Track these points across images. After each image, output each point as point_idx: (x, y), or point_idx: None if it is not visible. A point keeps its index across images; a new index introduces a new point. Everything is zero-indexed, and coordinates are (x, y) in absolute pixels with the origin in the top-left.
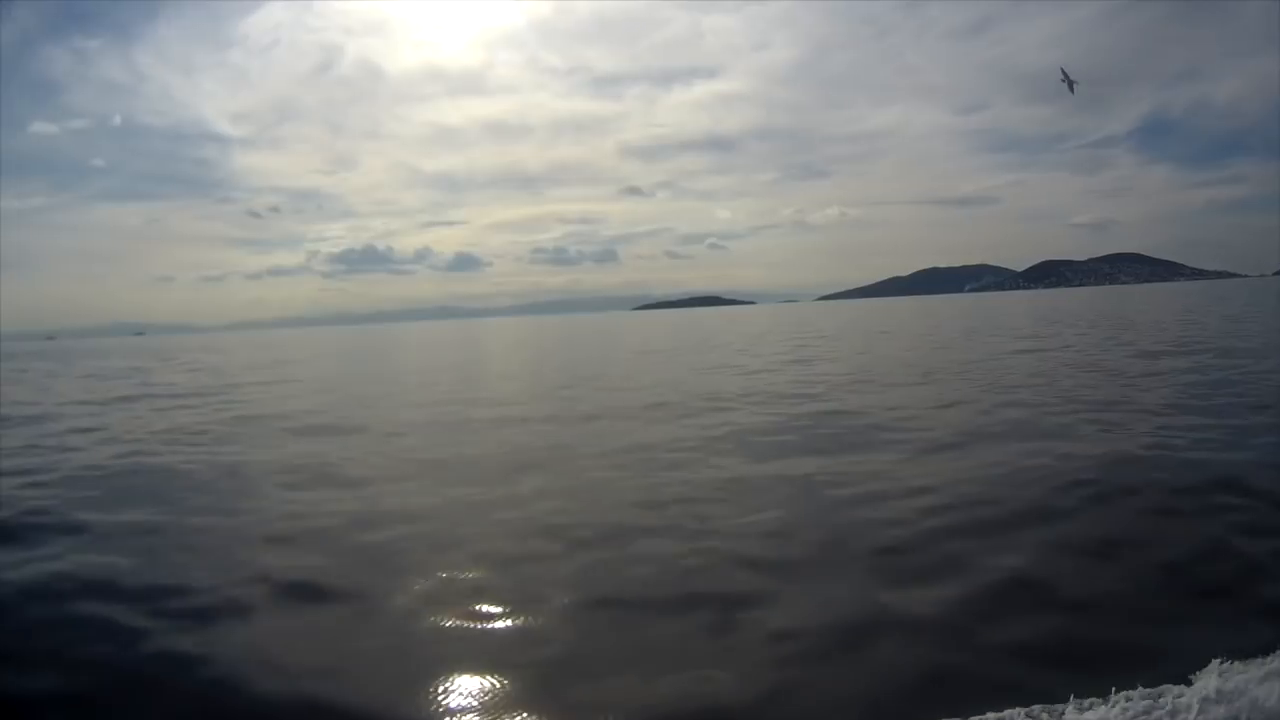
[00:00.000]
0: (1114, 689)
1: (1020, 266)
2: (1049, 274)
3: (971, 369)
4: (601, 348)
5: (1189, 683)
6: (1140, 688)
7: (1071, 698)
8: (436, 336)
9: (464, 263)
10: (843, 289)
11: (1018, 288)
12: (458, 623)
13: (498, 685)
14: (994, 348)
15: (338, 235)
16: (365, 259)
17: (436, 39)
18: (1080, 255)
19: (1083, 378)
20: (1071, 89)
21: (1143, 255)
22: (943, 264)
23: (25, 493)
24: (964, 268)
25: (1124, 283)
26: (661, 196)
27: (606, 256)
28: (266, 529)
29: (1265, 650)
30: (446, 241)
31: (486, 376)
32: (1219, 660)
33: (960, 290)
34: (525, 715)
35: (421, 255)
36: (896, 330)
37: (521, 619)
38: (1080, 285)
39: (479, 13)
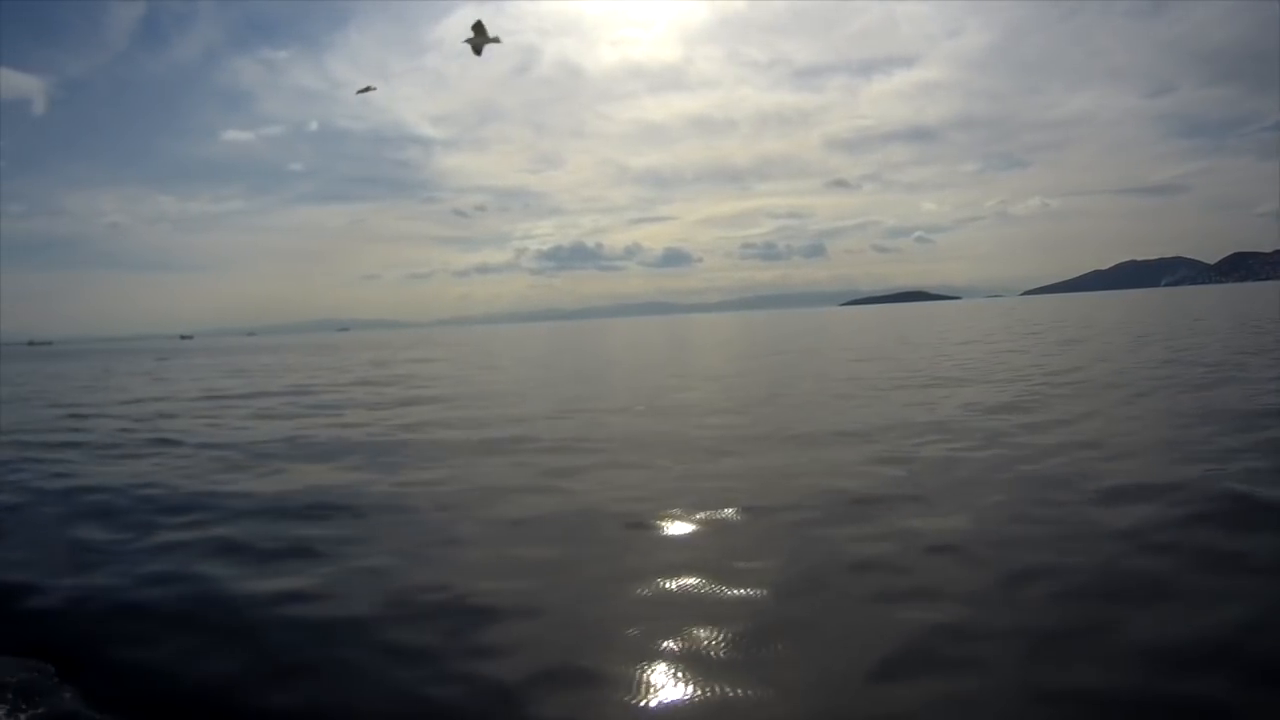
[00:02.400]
0: None
1: (1211, 258)
2: (1238, 266)
3: None
4: (870, 347)
5: None
6: None
7: None
8: (671, 331)
9: (674, 258)
10: (1045, 283)
11: (1210, 281)
12: None
13: None
14: None
15: (546, 233)
16: (574, 256)
17: (633, 36)
18: (1266, 246)
19: None
20: None
21: None
22: (1139, 256)
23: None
24: (1159, 260)
25: None
26: (868, 189)
27: (814, 251)
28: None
29: None
30: (656, 237)
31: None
32: None
33: (1156, 284)
34: None
35: (631, 251)
36: (1152, 333)
37: None
38: (1267, 279)
39: (673, 9)
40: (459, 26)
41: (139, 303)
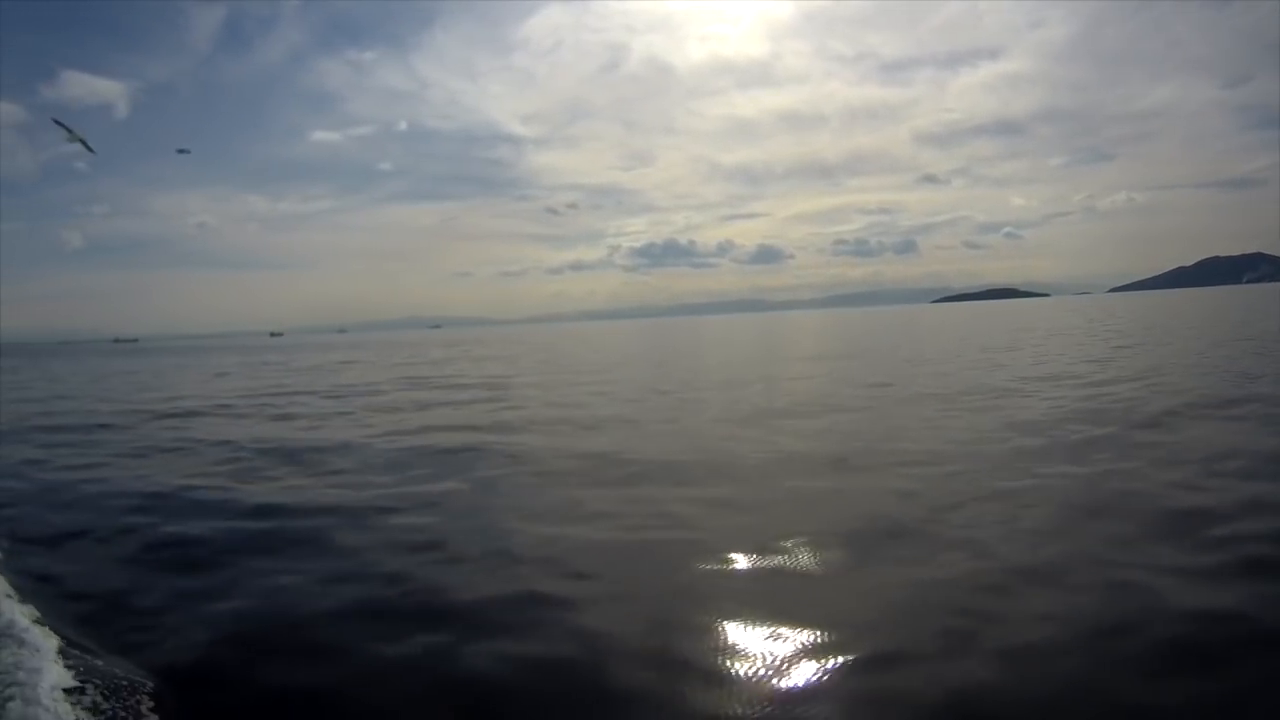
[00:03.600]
0: None
1: None
2: None
3: None
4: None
5: None
6: None
7: None
8: (775, 327)
9: (766, 255)
10: (1132, 280)
11: None
12: None
13: None
14: None
15: (638, 230)
16: (667, 253)
17: (720, 32)
18: None
19: None
20: None
21: None
22: (1221, 252)
23: None
24: (1241, 256)
25: None
26: (957, 184)
27: (906, 247)
28: None
29: None
30: (748, 234)
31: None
32: None
33: (1239, 281)
34: None
35: (723, 248)
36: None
37: None
38: None
39: (759, 4)
40: (545, 25)
41: (227, 300)
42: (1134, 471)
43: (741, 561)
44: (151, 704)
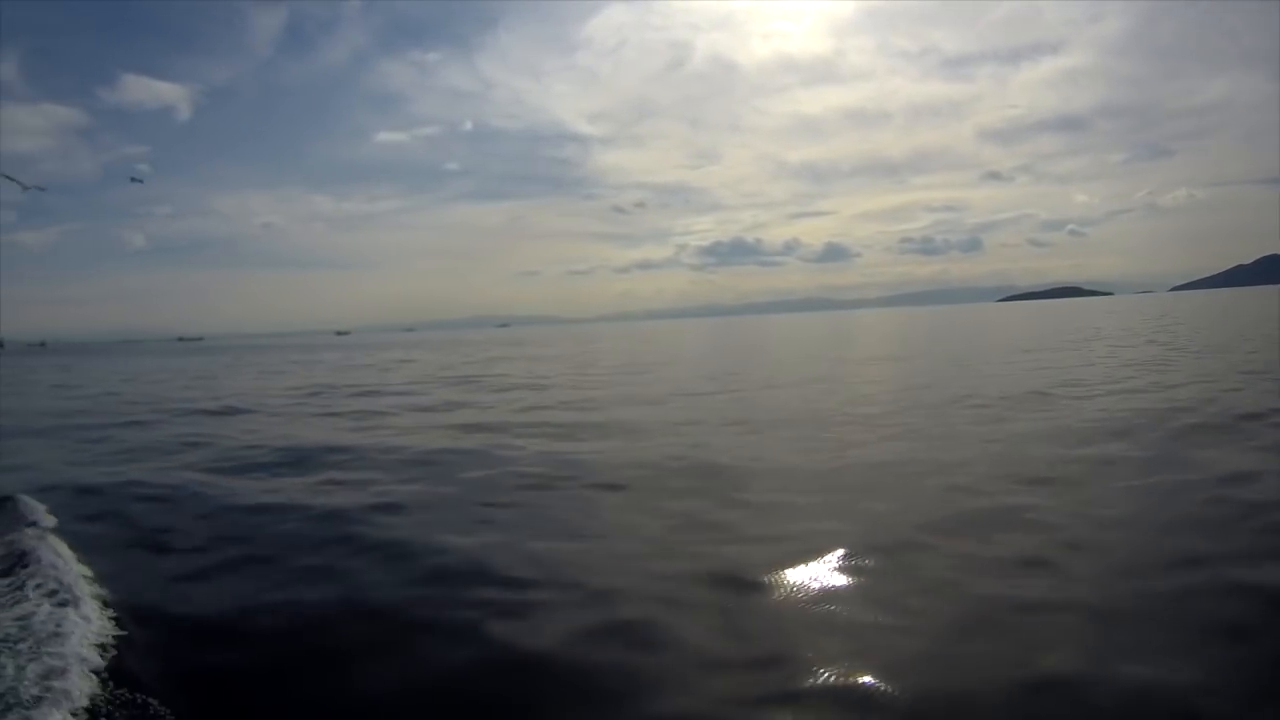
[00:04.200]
0: None
1: None
2: None
3: None
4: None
5: None
6: None
7: None
8: (845, 327)
9: (833, 253)
10: (1193, 278)
11: None
12: None
13: None
14: None
15: (705, 228)
16: (734, 251)
17: (784, 29)
18: None
19: None
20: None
21: None
22: (1278, 250)
23: None
24: None
25: None
26: (1021, 181)
27: (972, 245)
28: None
29: None
30: (815, 232)
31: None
32: None
33: None
34: None
35: (790, 247)
36: None
37: None
38: None
39: (821, 1)
40: (608, 24)
41: (294, 299)
42: None
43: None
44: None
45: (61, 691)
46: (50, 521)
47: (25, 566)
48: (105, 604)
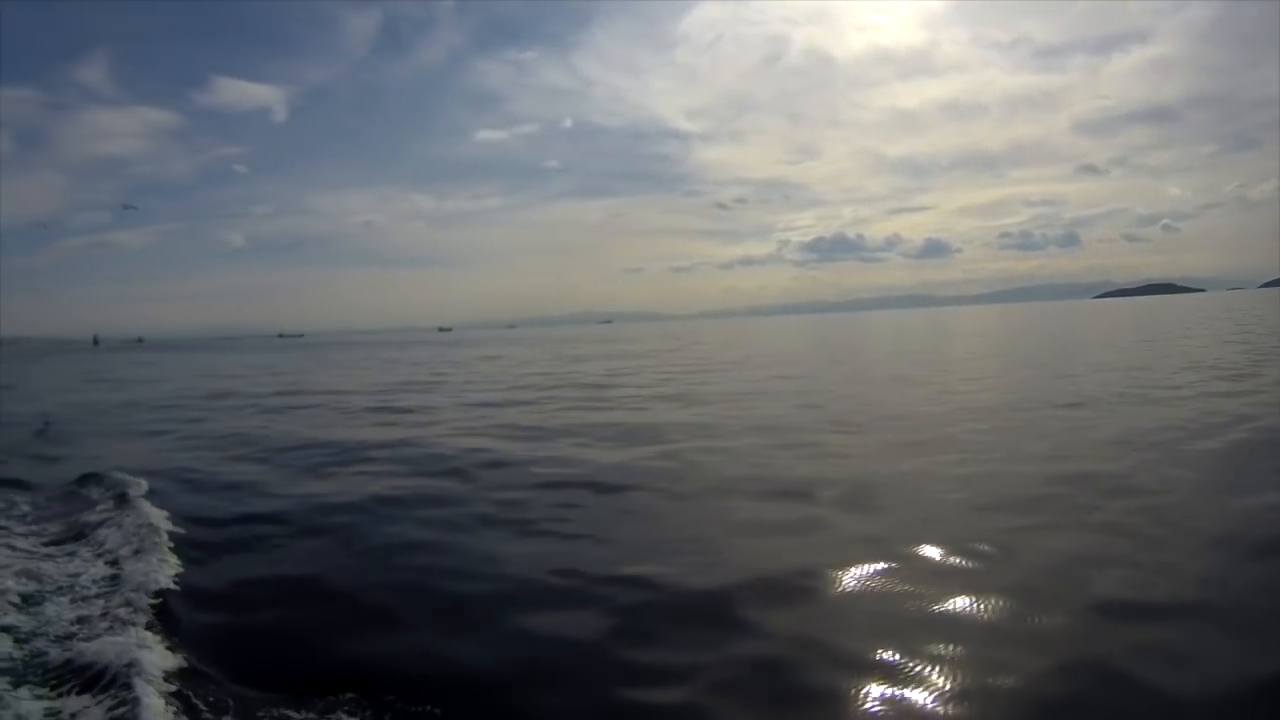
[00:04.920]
0: None
1: None
2: None
3: None
4: None
5: None
6: None
7: None
8: (955, 325)
9: (934, 249)
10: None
11: None
12: None
13: None
14: None
15: (807, 224)
16: (836, 247)
17: (878, 21)
18: None
19: None
20: None
21: None
22: None
23: None
24: None
25: None
26: (1116, 174)
27: (1069, 240)
28: None
29: None
30: (916, 228)
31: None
32: None
33: None
34: None
35: (891, 242)
36: None
37: None
38: None
39: None
40: (704, 20)
41: (397, 296)
42: None
43: None
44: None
45: (138, 609)
46: (141, 489)
47: (120, 525)
48: (174, 550)
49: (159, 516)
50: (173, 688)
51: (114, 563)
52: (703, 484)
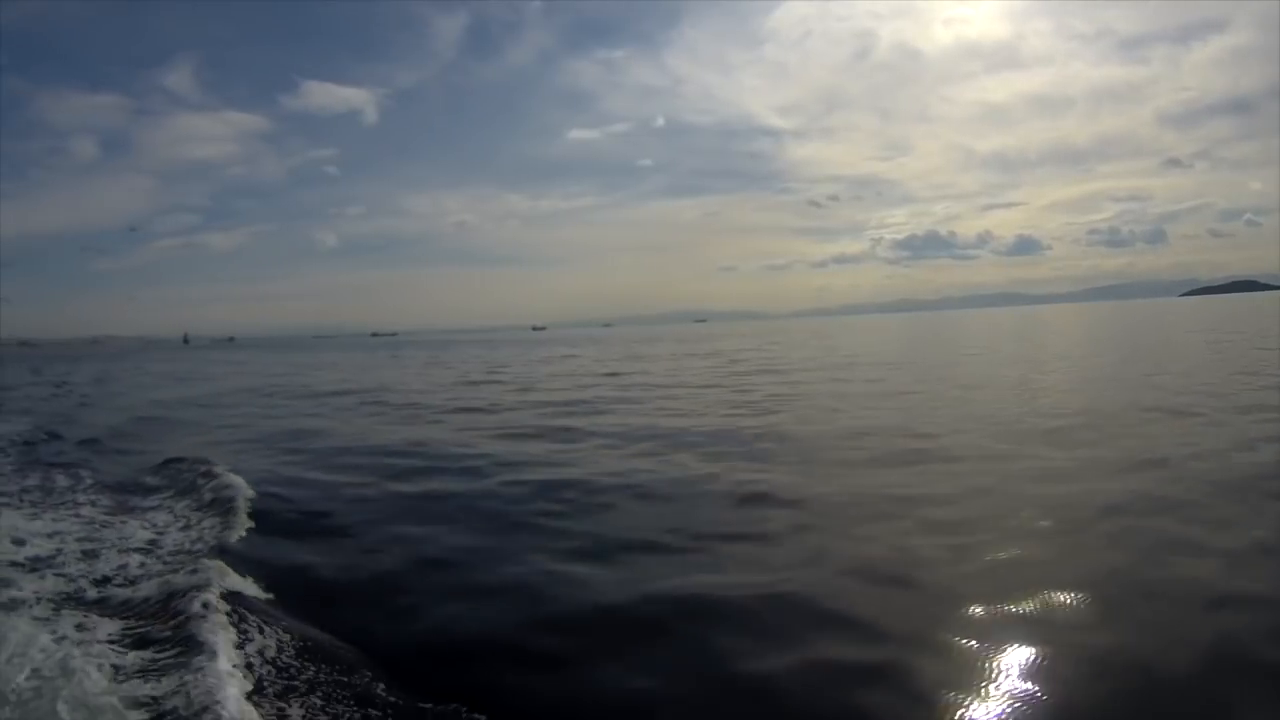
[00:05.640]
0: None
1: None
2: None
3: None
4: None
5: None
6: None
7: None
8: (1058, 325)
9: (1024, 246)
10: None
11: None
12: None
13: None
14: None
15: (899, 221)
16: (928, 244)
17: (963, 15)
18: None
19: None
20: None
21: None
22: None
23: None
24: None
25: None
26: (1200, 168)
27: (1155, 236)
28: None
29: None
30: (1006, 224)
31: None
32: None
33: None
34: None
35: (983, 239)
36: None
37: None
38: None
39: None
40: (791, 16)
41: (491, 296)
42: None
43: None
44: None
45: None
46: (222, 468)
47: (211, 497)
48: (250, 515)
49: (240, 484)
50: (229, 607)
51: (190, 525)
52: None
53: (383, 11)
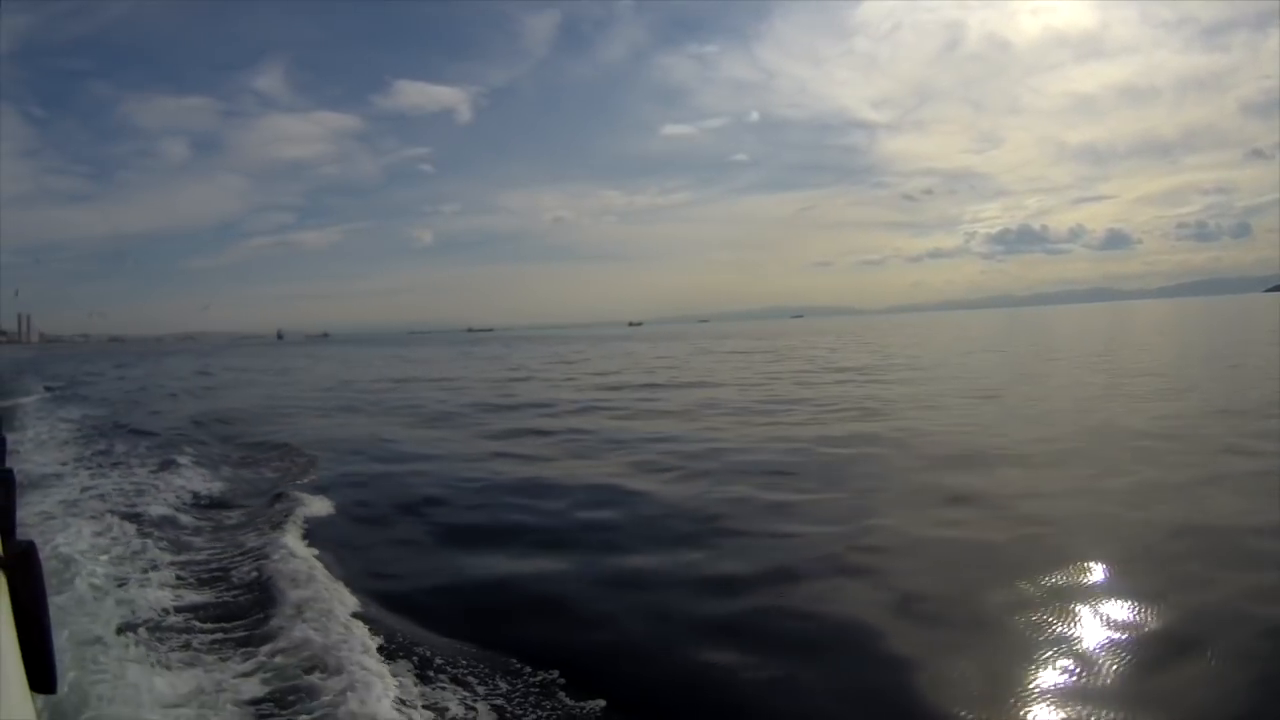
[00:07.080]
0: None
1: None
2: None
3: None
4: None
5: None
6: None
7: None
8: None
9: (1115, 240)
10: None
11: None
12: None
13: None
14: None
15: (993, 215)
16: (1021, 239)
17: (1049, 4)
18: None
19: None
20: None
21: None
22: None
23: None
24: None
25: None
26: None
27: (1241, 230)
28: None
29: None
30: (1097, 218)
31: None
32: None
33: None
34: None
35: (1075, 234)
36: None
37: None
38: None
39: None
40: (881, 8)
41: (585, 292)
42: None
43: None
44: None
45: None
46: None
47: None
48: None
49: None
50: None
51: (280, 496)
52: None
53: (473, 11)
